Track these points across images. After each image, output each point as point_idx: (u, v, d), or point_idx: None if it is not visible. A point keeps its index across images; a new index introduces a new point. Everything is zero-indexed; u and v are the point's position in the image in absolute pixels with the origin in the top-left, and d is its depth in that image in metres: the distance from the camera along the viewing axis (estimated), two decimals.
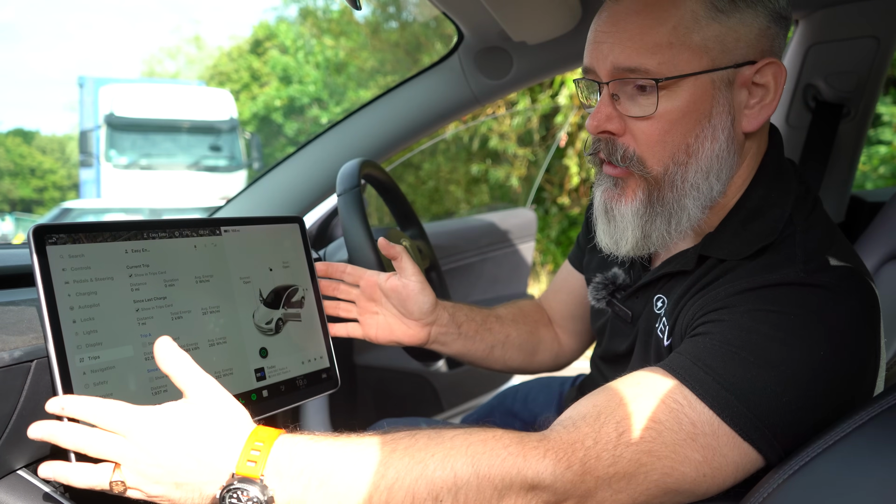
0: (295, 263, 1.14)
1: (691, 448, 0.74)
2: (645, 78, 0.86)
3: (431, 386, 2.25)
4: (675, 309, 0.93)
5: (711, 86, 0.86)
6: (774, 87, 0.89)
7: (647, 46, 0.85)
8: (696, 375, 0.77)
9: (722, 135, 0.88)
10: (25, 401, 0.83)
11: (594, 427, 0.75)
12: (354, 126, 1.73)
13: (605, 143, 0.93)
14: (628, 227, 0.94)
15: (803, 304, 0.80)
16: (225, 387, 0.98)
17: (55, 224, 0.85)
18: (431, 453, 0.73)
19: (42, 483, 0.88)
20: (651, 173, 0.90)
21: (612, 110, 0.90)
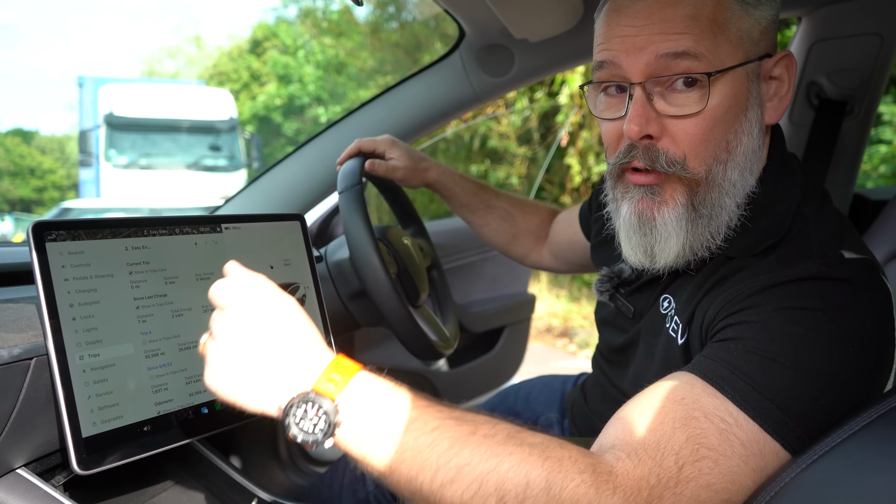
0: (296, 261, 1.13)
1: (744, 474, 0.72)
2: (695, 73, 0.83)
3: (432, 385, 2.25)
4: (689, 307, 0.90)
5: (746, 79, 0.86)
6: (788, 79, 0.89)
7: (695, 34, 0.82)
8: (736, 386, 0.74)
9: (754, 128, 0.87)
10: (25, 399, 0.82)
11: (656, 460, 0.71)
12: (355, 124, 1.72)
13: (643, 150, 0.87)
14: (672, 236, 0.89)
15: (829, 298, 0.78)
16: None
17: (55, 221, 0.85)
18: (509, 452, 0.69)
19: (41, 482, 0.87)
20: (695, 175, 0.86)
21: (649, 111, 0.86)
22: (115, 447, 0.85)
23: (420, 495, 0.69)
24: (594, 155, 6.89)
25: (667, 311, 0.96)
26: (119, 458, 0.85)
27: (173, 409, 0.91)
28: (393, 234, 1.39)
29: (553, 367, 4.95)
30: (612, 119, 0.90)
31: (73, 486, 0.95)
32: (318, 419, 0.69)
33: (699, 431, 0.72)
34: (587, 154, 6.93)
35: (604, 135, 0.94)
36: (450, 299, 1.57)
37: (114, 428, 0.85)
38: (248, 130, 14.43)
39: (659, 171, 0.87)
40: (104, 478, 0.94)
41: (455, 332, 1.47)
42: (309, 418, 0.69)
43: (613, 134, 0.91)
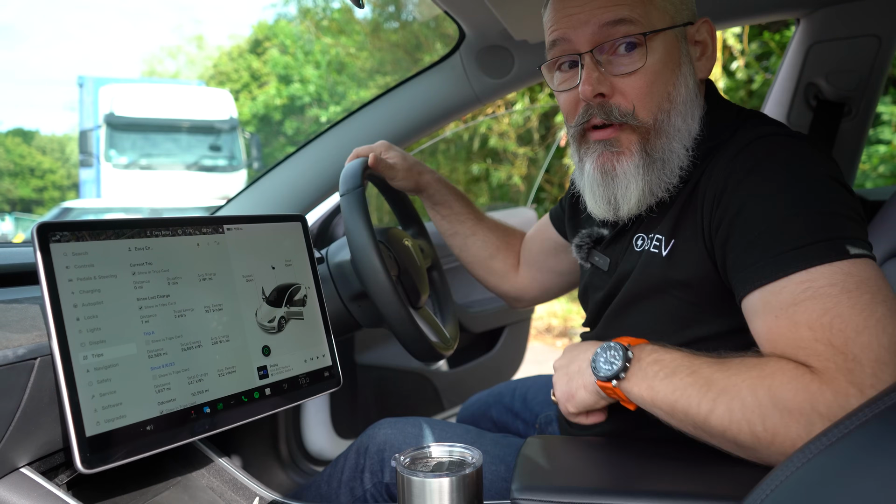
0: (297, 262, 1.14)
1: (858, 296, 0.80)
2: (635, 34, 0.97)
3: (432, 385, 2.26)
4: (667, 221, 1.01)
5: (675, 40, 1.01)
6: (711, 42, 1.05)
7: (628, 3, 0.97)
8: (790, 259, 0.84)
9: (689, 81, 1.02)
10: (29, 398, 0.83)
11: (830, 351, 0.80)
12: (356, 125, 1.73)
13: (598, 108, 1.01)
14: (631, 182, 1.01)
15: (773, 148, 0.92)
16: (227, 385, 0.98)
17: (59, 222, 0.86)
18: (742, 380, 0.82)
19: (46, 481, 0.88)
20: (644, 124, 1.00)
21: (599, 74, 0.99)
22: (119, 446, 0.85)
23: (697, 426, 0.85)
24: None
25: (642, 247, 1.05)
26: (122, 456, 0.85)
27: (176, 408, 0.92)
28: (394, 235, 1.39)
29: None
30: (569, 89, 1.04)
31: (77, 485, 0.96)
32: (616, 358, 0.92)
33: (806, 314, 0.82)
34: None
35: (562, 106, 1.07)
36: (450, 300, 1.58)
37: (117, 427, 0.85)
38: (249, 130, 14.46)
39: (615, 124, 1.01)
40: (107, 476, 0.96)
41: (455, 334, 1.48)
42: (608, 359, 0.93)
43: (571, 102, 1.05)
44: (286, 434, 1.83)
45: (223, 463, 1.12)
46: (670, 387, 0.87)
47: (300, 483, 1.84)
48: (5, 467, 0.85)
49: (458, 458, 0.87)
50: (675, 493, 0.82)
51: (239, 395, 1.00)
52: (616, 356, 0.92)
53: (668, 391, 0.87)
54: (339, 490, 1.22)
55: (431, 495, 0.81)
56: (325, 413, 1.97)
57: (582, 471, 0.93)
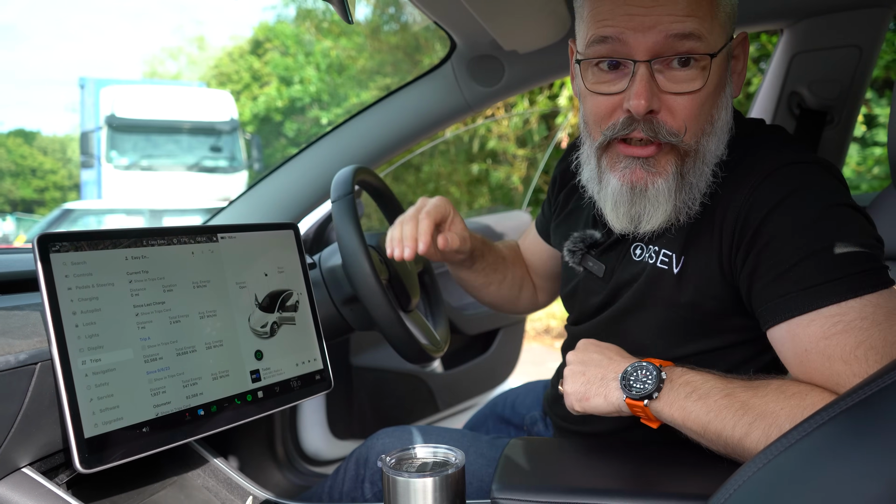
0: (290, 268, 1.18)
1: (888, 328, 0.82)
2: (702, 53, 0.90)
3: (427, 386, 2.29)
4: (679, 239, 0.99)
5: (725, 58, 0.95)
6: (744, 57, 1.00)
7: (700, 16, 0.89)
8: (818, 293, 0.85)
9: (728, 102, 0.97)
10: (30, 402, 0.87)
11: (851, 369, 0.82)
12: (349, 132, 1.77)
13: (645, 123, 0.93)
14: (661, 204, 0.96)
15: (799, 178, 0.90)
16: (221, 388, 1.02)
17: (58, 232, 0.89)
18: (780, 407, 0.83)
19: (46, 480, 0.91)
20: (689, 147, 0.94)
21: (654, 87, 0.91)
22: (116, 447, 0.89)
23: (729, 447, 0.85)
24: None
25: (641, 257, 1.03)
26: (119, 457, 0.89)
27: (171, 410, 0.96)
28: (385, 240, 1.43)
29: (551, 368, 4.97)
30: (608, 94, 0.95)
31: (76, 485, 0.99)
32: (649, 378, 0.90)
33: (839, 348, 0.83)
34: None
35: (594, 108, 0.98)
36: (441, 304, 1.61)
37: (114, 429, 0.89)
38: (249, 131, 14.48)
39: (660, 142, 0.94)
40: (106, 476, 0.99)
41: (446, 337, 1.51)
42: (640, 378, 0.91)
43: (607, 107, 0.96)
44: (283, 435, 1.87)
45: (218, 463, 1.16)
46: (703, 408, 0.87)
47: (297, 483, 1.87)
48: (7, 467, 0.89)
49: (441, 459, 0.91)
50: (647, 493, 0.86)
51: (232, 398, 1.03)
52: (649, 376, 0.90)
53: (702, 413, 0.87)
54: (340, 500, 1.25)
55: (416, 494, 0.85)
56: (322, 414, 2.01)
57: (561, 471, 0.97)
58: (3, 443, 0.85)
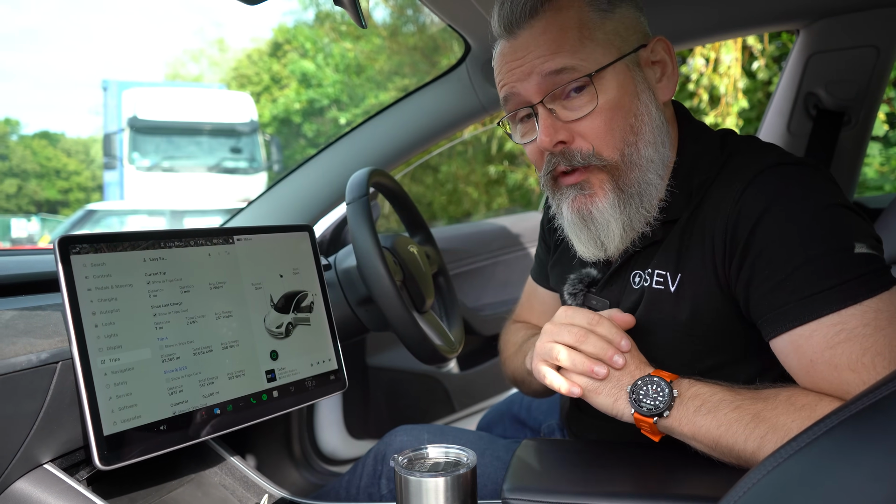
0: (305, 270, 1.19)
1: (891, 332, 0.81)
2: (579, 77, 0.95)
3: (443, 387, 2.30)
4: (672, 257, 0.98)
5: (628, 70, 0.98)
6: (670, 59, 1.02)
7: (566, 49, 0.96)
8: (817, 303, 0.84)
9: (652, 107, 1.00)
10: (52, 399, 0.89)
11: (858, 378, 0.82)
12: (365, 135, 1.78)
13: (561, 156, 0.99)
14: (611, 222, 0.99)
15: (784, 181, 0.90)
16: (237, 388, 1.04)
17: (79, 235, 0.92)
18: (792, 419, 0.83)
19: (67, 477, 0.94)
20: (610, 162, 0.98)
21: (556, 122, 0.98)
22: (134, 445, 0.91)
23: (742, 459, 0.85)
24: None
25: (640, 283, 1.03)
26: (138, 454, 0.91)
27: (188, 409, 0.98)
28: (399, 242, 1.44)
29: None
30: (531, 141, 1.03)
31: (96, 481, 1.02)
32: (660, 395, 0.89)
33: (844, 357, 0.82)
34: None
35: (530, 157, 1.06)
36: (456, 305, 1.62)
37: (133, 427, 0.91)
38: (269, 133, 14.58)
39: (580, 168, 0.99)
40: (124, 473, 1.01)
41: (460, 338, 1.52)
42: (651, 394, 0.90)
43: (536, 152, 1.04)
44: (299, 434, 1.89)
45: (235, 461, 1.18)
46: (714, 422, 0.86)
47: (313, 482, 1.89)
48: (30, 463, 0.91)
49: (453, 459, 0.92)
50: (658, 495, 0.86)
51: (248, 398, 1.05)
52: (661, 392, 0.89)
53: (712, 427, 0.86)
54: (357, 495, 1.26)
55: (427, 494, 0.85)
56: (338, 414, 2.02)
57: (572, 472, 0.97)
58: (26, 439, 0.88)
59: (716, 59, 6.24)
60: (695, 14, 1.56)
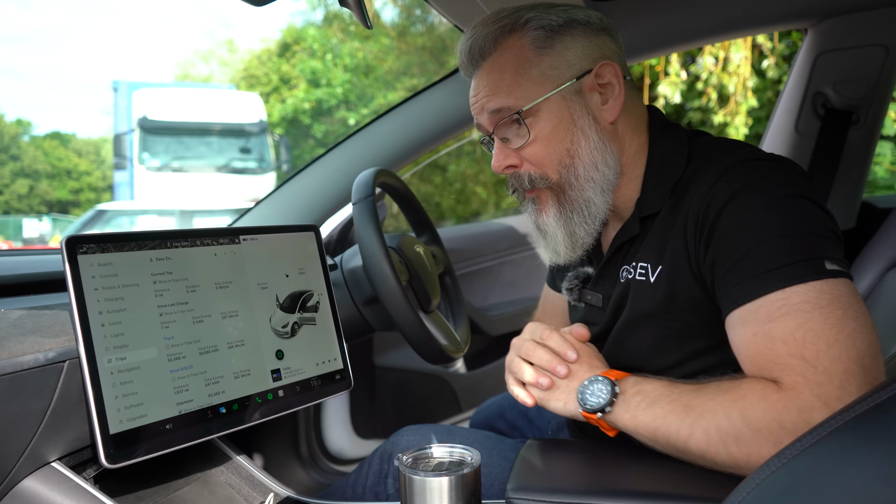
0: (310, 270, 1.20)
1: (831, 312, 0.85)
2: (511, 113, 1.06)
3: (450, 387, 2.30)
4: (652, 250, 1.05)
5: (563, 100, 1.06)
6: (617, 82, 1.07)
7: (503, 90, 1.07)
8: (764, 280, 0.89)
9: (591, 131, 1.07)
10: (59, 398, 0.90)
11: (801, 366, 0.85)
12: (373, 135, 1.78)
13: (513, 178, 1.12)
14: (557, 233, 1.11)
15: (750, 173, 0.96)
16: (242, 387, 1.04)
17: (86, 234, 0.92)
18: (718, 405, 0.89)
19: (74, 475, 0.95)
20: (552, 182, 1.09)
21: (506, 150, 1.10)
22: (140, 443, 0.92)
23: (679, 450, 0.91)
24: None
25: (625, 277, 1.10)
26: (144, 453, 0.92)
27: (194, 408, 0.98)
28: (406, 242, 1.45)
29: None
30: None
31: (103, 479, 1.02)
32: (602, 392, 0.97)
33: (780, 331, 0.87)
34: None
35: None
36: (462, 305, 1.62)
37: (139, 425, 0.92)
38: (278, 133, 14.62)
39: (534, 187, 1.10)
40: (131, 472, 1.02)
41: (466, 337, 1.52)
42: (595, 392, 0.98)
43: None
44: (306, 434, 1.89)
45: (241, 460, 1.18)
46: (651, 416, 0.93)
47: (320, 481, 1.89)
48: (37, 461, 0.92)
49: (457, 459, 0.92)
50: (661, 495, 0.86)
51: (253, 397, 1.05)
52: (603, 390, 0.97)
53: (650, 420, 0.93)
54: (363, 495, 1.26)
55: (431, 493, 0.86)
56: (345, 413, 2.03)
57: (576, 472, 0.97)
58: (33, 438, 0.89)
59: (725, 57, 6.21)
60: (703, 13, 1.56)
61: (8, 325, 0.89)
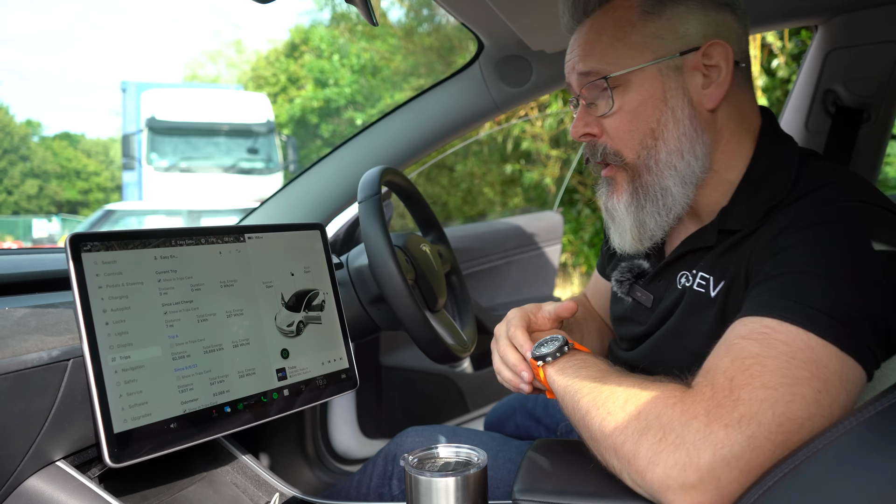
0: (316, 268, 1.19)
1: (796, 367, 0.76)
2: (598, 77, 0.99)
3: (457, 387, 2.29)
4: (720, 263, 0.97)
5: (659, 74, 0.98)
6: (725, 66, 0.97)
7: (595, 53, 1.00)
8: (773, 305, 0.82)
9: (682, 115, 0.98)
10: (63, 396, 0.90)
11: (708, 380, 0.80)
12: (379, 134, 1.78)
13: (589, 147, 1.05)
14: (625, 221, 1.04)
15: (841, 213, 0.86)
16: (247, 386, 1.04)
17: (90, 232, 0.92)
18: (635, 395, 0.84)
19: (79, 474, 0.94)
20: (627, 162, 1.01)
21: (587, 116, 1.03)
22: (145, 442, 0.91)
23: (576, 422, 0.91)
24: None
25: (683, 284, 1.03)
26: (148, 452, 0.91)
27: (198, 407, 0.98)
28: (412, 241, 1.44)
29: None
30: None
31: (108, 479, 1.02)
32: (552, 345, 1.00)
33: (740, 349, 0.80)
34: None
35: None
36: (469, 304, 1.61)
37: (143, 424, 0.91)
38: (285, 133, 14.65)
39: (611, 164, 1.03)
40: (136, 471, 1.01)
41: (473, 337, 1.51)
42: (549, 346, 1.00)
43: None
44: (313, 433, 1.89)
45: (247, 460, 1.18)
46: (567, 381, 0.93)
47: (326, 481, 1.89)
48: (42, 460, 0.92)
49: (464, 459, 0.91)
50: None
51: (258, 396, 1.05)
52: (554, 344, 0.99)
53: (567, 383, 0.93)
54: (368, 495, 1.26)
55: (437, 494, 0.85)
56: (352, 413, 2.02)
57: (584, 473, 0.96)
58: (38, 436, 0.88)
59: None
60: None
61: (12, 323, 0.88)
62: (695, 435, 0.76)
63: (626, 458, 0.81)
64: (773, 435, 0.74)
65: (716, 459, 0.74)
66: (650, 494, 0.79)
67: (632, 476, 0.81)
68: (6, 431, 0.84)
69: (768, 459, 0.74)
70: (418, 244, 1.45)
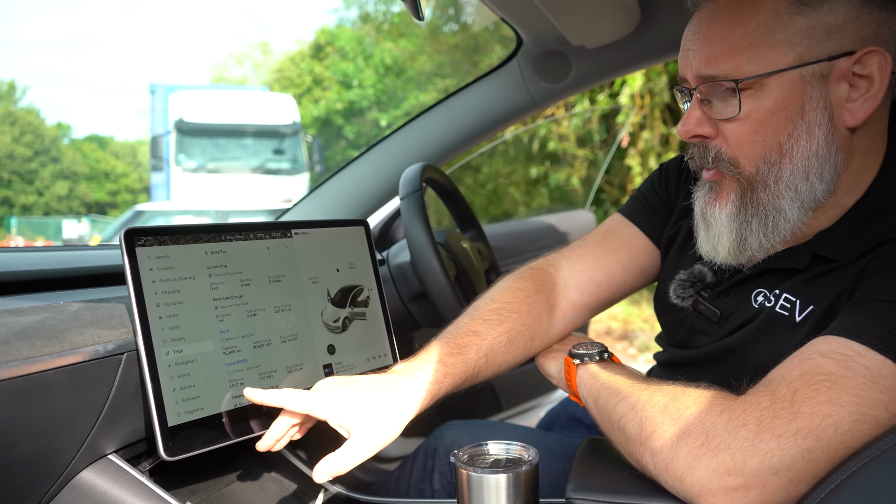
0: (360, 264, 1.19)
1: (874, 390, 0.71)
2: (726, 80, 0.86)
3: (490, 386, 2.28)
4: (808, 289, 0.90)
5: (801, 81, 0.84)
6: (880, 78, 0.83)
7: (726, 50, 0.86)
8: (863, 329, 0.75)
9: (819, 131, 0.85)
10: (117, 390, 0.90)
11: (769, 389, 0.75)
12: (416, 130, 1.78)
13: (697, 148, 0.93)
14: (724, 232, 0.93)
15: None
16: (295, 381, 1.03)
17: (143, 227, 0.92)
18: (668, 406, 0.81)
19: (130, 467, 0.95)
20: (743, 174, 0.90)
21: (701, 115, 0.91)
22: (197, 436, 0.91)
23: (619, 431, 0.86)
24: (655, 156, 6.80)
25: (761, 303, 0.95)
26: (200, 446, 0.92)
27: (249, 402, 0.97)
28: (452, 238, 1.43)
29: None
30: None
31: (158, 472, 1.03)
32: (592, 348, 1.00)
33: (814, 364, 0.74)
34: (648, 155, 6.84)
35: None
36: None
37: (196, 418, 0.92)
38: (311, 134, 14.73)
39: (719, 170, 0.92)
40: (184, 465, 1.02)
41: None
42: (588, 349, 1.00)
43: None
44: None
45: (292, 457, 1.18)
46: (601, 384, 0.92)
47: (363, 479, 1.89)
48: (95, 453, 0.92)
49: (515, 456, 0.90)
50: None
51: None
52: (594, 348, 1.00)
53: (600, 387, 0.92)
54: (407, 491, 1.25)
55: (489, 491, 0.84)
56: None
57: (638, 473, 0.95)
58: (92, 429, 0.89)
59: None
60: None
61: (68, 316, 0.89)
62: (742, 442, 0.72)
63: (664, 462, 0.77)
64: (834, 451, 0.70)
65: (763, 467, 0.70)
66: (689, 499, 0.75)
67: (669, 481, 0.77)
68: (64, 424, 0.85)
69: (822, 473, 0.70)
70: (459, 241, 1.44)
